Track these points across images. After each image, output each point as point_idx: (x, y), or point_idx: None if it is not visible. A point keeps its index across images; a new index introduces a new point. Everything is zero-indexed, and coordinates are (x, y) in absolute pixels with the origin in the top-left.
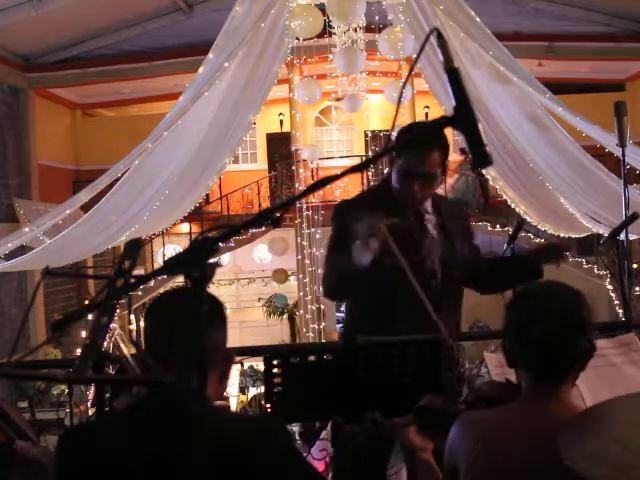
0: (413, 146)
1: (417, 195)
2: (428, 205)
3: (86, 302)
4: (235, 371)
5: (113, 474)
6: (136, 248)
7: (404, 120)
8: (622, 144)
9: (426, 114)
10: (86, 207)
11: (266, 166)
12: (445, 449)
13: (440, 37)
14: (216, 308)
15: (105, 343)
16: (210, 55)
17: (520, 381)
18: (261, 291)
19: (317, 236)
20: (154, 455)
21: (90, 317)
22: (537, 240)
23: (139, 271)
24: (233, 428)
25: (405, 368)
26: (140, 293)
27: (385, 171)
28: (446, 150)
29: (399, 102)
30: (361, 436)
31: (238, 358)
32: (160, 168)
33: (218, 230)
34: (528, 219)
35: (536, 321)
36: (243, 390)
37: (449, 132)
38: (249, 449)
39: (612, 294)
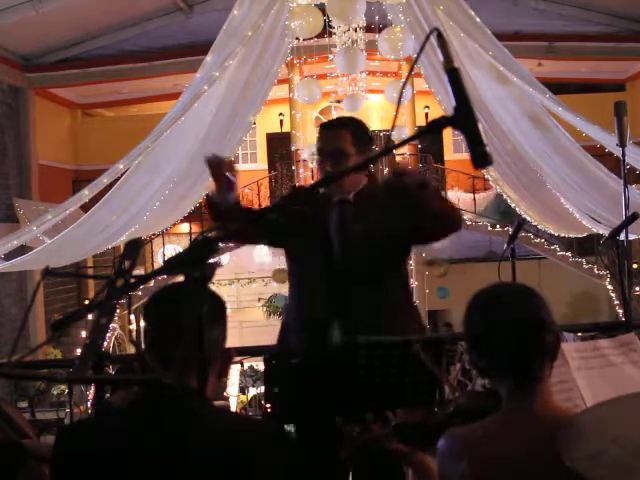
0: (324, 125)
1: (342, 186)
2: (351, 196)
3: (86, 302)
4: (235, 371)
5: (111, 471)
6: (136, 248)
7: (404, 120)
8: (622, 144)
9: (426, 114)
10: (86, 207)
11: (266, 166)
12: (436, 467)
13: (440, 37)
14: (216, 305)
15: (105, 343)
16: (210, 55)
17: (497, 390)
18: (261, 291)
19: None
20: (152, 453)
21: (90, 317)
22: (537, 240)
23: (139, 271)
24: (233, 428)
25: (406, 368)
26: (140, 293)
27: (385, 171)
28: (357, 131)
29: (399, 102)
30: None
31: (238, 358)
32: (160, 168)
33: (218, 230)
34: (528, 219)
35: (492, 329)
36: (243, 390)
37: (448, 132)
38: (249, 449)
39: (612, 294)
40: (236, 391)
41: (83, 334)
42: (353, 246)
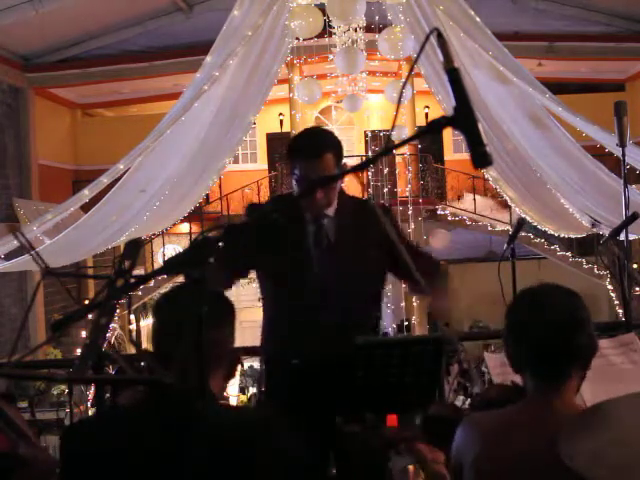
0: (305, 152)
1: (319, 201)
2: (331, 210)
3: (86, 302)
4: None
5: (115, 470)
6: (136, 248)
7: (404, 120)
8: (622, 144)
9: (426, 114)
10: (86, 207)
11: (266, 166)
12: (451, 450)
13: (440, 37)
14: (223, 306)
15: (105, 343)
16: (210, 55)
17: (525, 382)
18: None
19: None
20: (155, 452)
21: (90, 317)
22: (537, 240)
23: (139, 271)
24: (234, 425)
25: (406, 368)
26: (140, 293)
27: (385, 171)
28: (338, 150)
29: (399, 102)
30: (360, 438)
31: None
32: (160, 168)
33: (218, 230)
34: (528, 219)
35: (534, 323)
36: (243, 390)
37: (448, 132)
38: (249, 446)
39: (612, 294)
40: (236, 391)
41: (83, 334)
42: (335, 264)
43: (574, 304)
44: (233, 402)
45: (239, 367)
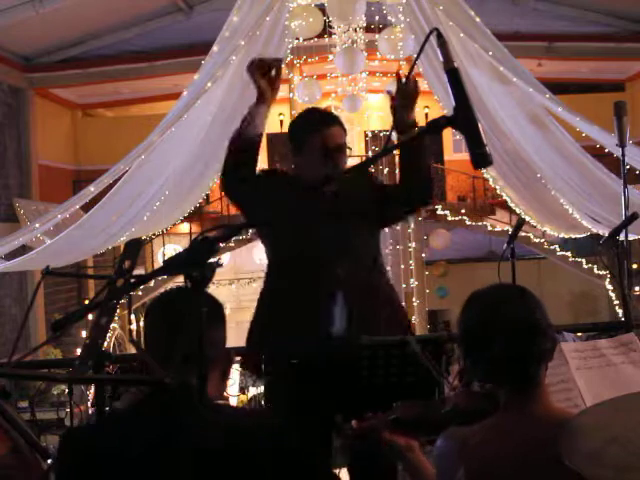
0: (316, 126)
1: (339, 169)
2: (330, 187)
3: (86, 302)
4: (235, 371)
5: (115, 470)
6: (136, 248)
7: None
8: (622, 144)
9: (426, 114)
10: (86, 207)
11: (266, 166)
12: (435, 466)
13: (440, 37)
14: (215, 308)
15: (105, 343)
16: (210, 56)
17: (495, 393)
18: None
19: None
20: (155, 455)
21: (90, 317)
22: (537, 240)
23: (139, 271)
24: (235, 425)
25: (406, 368)
26: (140, 293)
27: (385, 171)
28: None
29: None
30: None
31: (239, 358)
32: (160, 168)
33: (218, 230)
34: (528, 219)
35: (488, 334)
36: (243, 390)
37: (448, 132)
38: (249, 446)
39: (612, 294)
40: (236, 391)
41: (83, 334)
42: (336, 230)
43: (531, 305)
44: (233, 402)
45: (239, 367)
